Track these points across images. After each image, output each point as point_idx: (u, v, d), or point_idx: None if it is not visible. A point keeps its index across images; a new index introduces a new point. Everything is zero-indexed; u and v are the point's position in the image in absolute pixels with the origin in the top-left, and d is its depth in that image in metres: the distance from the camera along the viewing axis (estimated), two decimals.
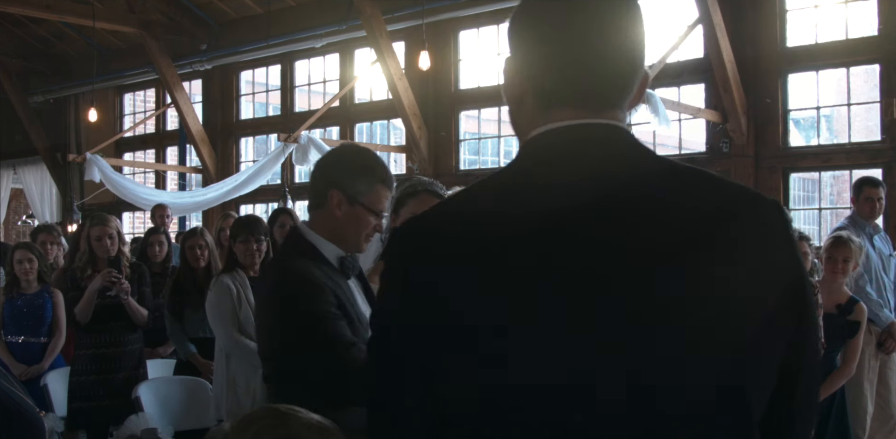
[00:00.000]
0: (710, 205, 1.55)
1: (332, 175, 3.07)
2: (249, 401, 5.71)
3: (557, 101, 1.62)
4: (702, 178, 1.60)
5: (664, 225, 1.50)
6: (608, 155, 1.60)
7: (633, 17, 1.62)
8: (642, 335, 1.43)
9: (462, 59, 14.02)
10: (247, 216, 6.57)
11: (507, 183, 1.60)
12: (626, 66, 1.62)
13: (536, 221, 1.48)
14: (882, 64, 10.52)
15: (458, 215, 1.58)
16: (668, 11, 12.14)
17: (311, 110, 15.09)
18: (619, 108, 1.67)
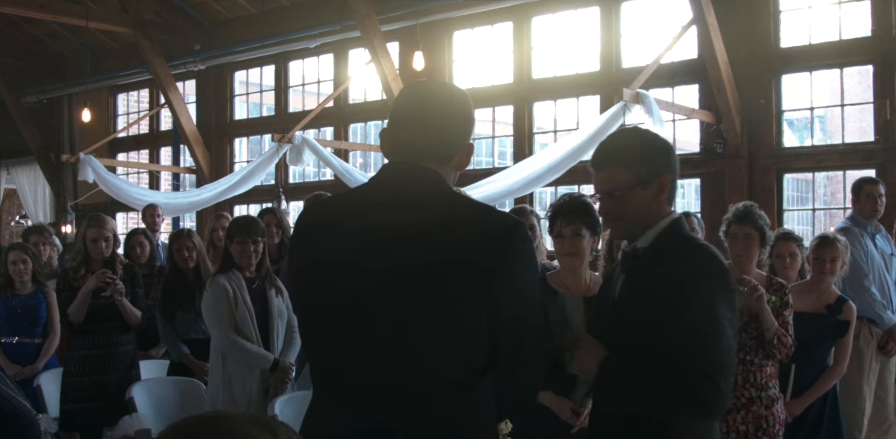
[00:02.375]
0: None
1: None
2: (245, 402, 5.72)
3: (396, 150, 2.67)
4: (472, 212, 2.55)
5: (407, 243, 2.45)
6: (400, 182, 2.60)
7: (446, 111, 2.65)
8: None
9: (456, 60, 14.02)
10: (244, 217, 6.59)
11: (350, 191, 2.96)
12: (439, 136, 2.64)
13: (332, 213, 2.70)
14: (875, 65, 10.53)
15: (324, 201, 3.04)
16: (661, 12, 12.15)
17: (306, 110, 15.07)
18: (436, 160, 2.62)
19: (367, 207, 2.57)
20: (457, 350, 2.43)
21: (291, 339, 6.01)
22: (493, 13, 13.01)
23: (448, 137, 2.67)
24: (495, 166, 13.69)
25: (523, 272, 2.51)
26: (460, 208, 2.56)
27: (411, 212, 2.50)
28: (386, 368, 2.43)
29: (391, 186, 2.60)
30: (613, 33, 12.39)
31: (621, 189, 3.04)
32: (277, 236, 7.59)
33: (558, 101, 13.02)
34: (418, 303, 2.42)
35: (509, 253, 2.46)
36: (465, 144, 2.71)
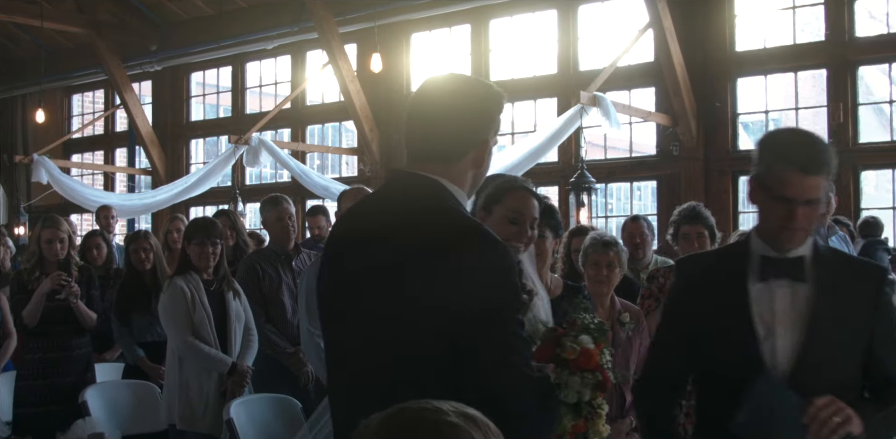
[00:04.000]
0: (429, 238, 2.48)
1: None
2: (202, 406, 5.67)
3: (406, 149, 2.72)
4: (433, 217, 2.52)
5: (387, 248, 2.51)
6: (388, 188, 2.72)
7: (451, 107, 2.59)
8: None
9: (414, 62, 14.01)
10: (202, 218, 6.52)
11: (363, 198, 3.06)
12: (445, 135, 2.61)
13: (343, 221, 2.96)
14: (829, 69, 10.66)
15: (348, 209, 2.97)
16: (619, 16, 12.22)
17: (263, 112, 15.00)
18: (440, 159, 2.61)
19: (359, 214, 2.77)
20: (422, 346, 2.47)
21: (249, 342, 5.96)
22: (451, 16, 13.02)
23: (453, 135, 2.62)
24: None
25: (476, 274, 2.44)
26: (427, 213, 2.56)
27: (386, 217, 2.60)
28: (367, 360, 2.55)
29: (382, 193, 2.79)
30: (571, 36, 12.44)
31: (822, 196, 2.96)
32: (232, 238, 7.53)
33: (515, 103, 13.04)
34: (383, 301, 2.51)
35: (459, 256, 2.45)
36: (477, 142, 2.63)
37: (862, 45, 10.55)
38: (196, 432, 5.60)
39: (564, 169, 11.96)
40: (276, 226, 6.53)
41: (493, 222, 3.43)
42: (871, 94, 11.93)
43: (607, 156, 12.72)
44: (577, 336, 3.31)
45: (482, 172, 2.73)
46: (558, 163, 12.34)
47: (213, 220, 6.27)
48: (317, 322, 5.26)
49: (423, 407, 1.57)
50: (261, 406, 5.58)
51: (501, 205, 3.47)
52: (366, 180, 13.23)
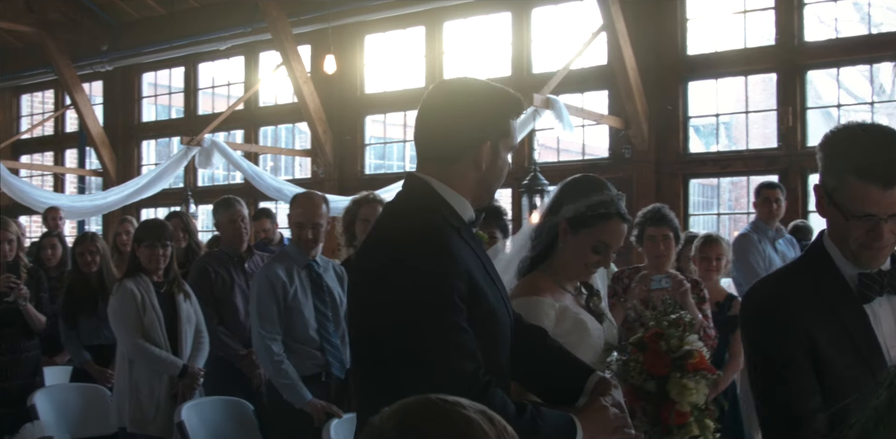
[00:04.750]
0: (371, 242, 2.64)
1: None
2: (153, 408, 5.63)
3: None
4: (390, 220, 2.64)
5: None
6: (397, 194, 2.69)
7: (446, 108, 2.60)
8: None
9: (368, 64, 14.00)
10: (152, 220, 6.47)
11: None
12: (437, 137, 2.61)
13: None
14: (779, 73, 10.79)
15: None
16: (572, 19, 12.28)
17: (215, 113, 14.92)
18: (437, 161, 2.61)
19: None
20: (362, 347, 2.60)
21: (200, 344, 5.93)
22: (406, 17, 13.02)
23: (447, 135, 2.61)
24: (407, 170, 13.67)
25: (397, 277, 2.45)
26: (391, 215, 2.67)
27: (378, 219, 2.80)
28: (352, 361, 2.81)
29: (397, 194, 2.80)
30: (524, 39, 12.49)
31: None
32: (184, 240, 7.49)
33: None
34: (350, 303, 2.72)
35: (387, 259, 2.50)
36: (473, 143, 2.58)
37: (811, 49, 10.68)
38: (147, 435, 5.58)
39: (517, 171, 11.99)
40: (228, 228, 6.51)
41: (575, 243, 3.29)
42: (820, 98, 12.06)
43: (560, 159, 12.78)
44: (682, 337, 3.18)
45: (489, 176, 2.66)
46: (511, 166, 12.33)
47: (164, 222, 6.24)
48: (268, 325, 5.26)
49: (443, 399, 1.59)
50: (212, 408, 5.55)
51: (591, 232, 3.26)
52: (319, 182, 13.20)
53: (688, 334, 3.17)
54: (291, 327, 5.28)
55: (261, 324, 5.26)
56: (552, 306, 3.22)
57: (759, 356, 2.68)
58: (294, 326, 5.28)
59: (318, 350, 5.31)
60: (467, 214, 2.64)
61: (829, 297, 2.54)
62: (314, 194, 5.67)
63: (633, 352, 3.19)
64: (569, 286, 3.38)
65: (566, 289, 3.36)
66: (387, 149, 14.95)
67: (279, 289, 5.27)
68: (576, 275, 3.38)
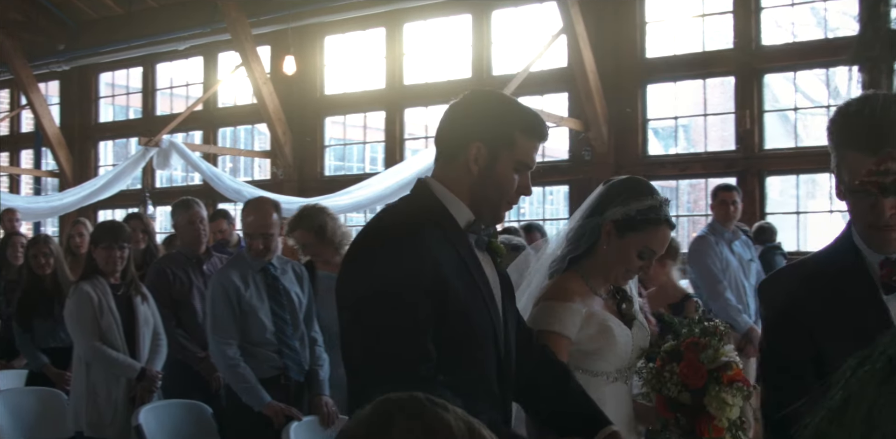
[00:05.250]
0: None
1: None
2: (111, 412, 5.58)
3: None
4: (373, 218, 2.69)
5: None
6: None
7: (451, 109, 2.69)
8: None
9: (328, 65, 13.97)
10: (109, 222, 6.41)
11: None
12: (439, 134, 2.69)
13: None
14: (737, 76, 10.87)
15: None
16: (532, 21, 12.32)
17: (174, 114, 14.82)
18: (441, 159, 2.67)
19: None
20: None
21: (158, 347, 5.89)
22: (366, 19, 13.00)
23: (445, 135, 2.66)
24: (366, 172, 13.69)
25: (360, 275, 2.52)
26: (376, 216, 2.70)
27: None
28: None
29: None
30: (485, 41, 12.50)
31: None
32: (143, 242, 7.45)
33: (430, 107, 13.08)
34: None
35: (353, 255, 2.58)
36: (464, 144, 2.58)
37: (768, 53, 10.78)
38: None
39: None
40: (187, 229, 6.46)
41: (620, 246, 3.21)
42: (777, 102, 12.19)
43: None
44: (717, 347, 3.07)
45: (483, 183, 2.61)
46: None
47: (121, 224, 6.19)
48: (222, 330, 5.23)
49: (428, 397, 1.58)
50: (171, 411, 5.51)
51: (638, 235, 3.18)
52: (278, 184, 13.15)
53: (724, 344, 3.09)
54: (248, 331, 5.25)
55: (214, 330, 5.24)
56: (578, 312, 3.15)
57: (761, 355, 2.69)
58: (251, 330, 5.26)
59: (276, 352, 5.28)
60: (464, 218, 2.61)
61: (848, 291, 2.42)
62: (264, 202, 5.62)
63: (665, 361, 3.10)
64: (601, 289, 3.30)
65: (597, 292, 3.28)
66: (346, 150, 14.92)
67: (233, 293, 5.24)
68: (614, 279, 3.30)
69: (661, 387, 3.11)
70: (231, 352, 5.17)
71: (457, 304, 2.49)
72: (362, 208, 11.78)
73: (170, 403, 5.64)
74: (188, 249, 6.49)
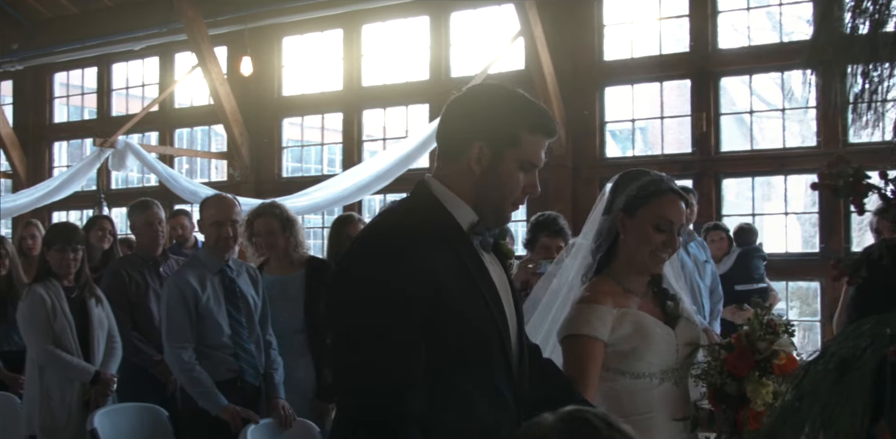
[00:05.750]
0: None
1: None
2: (64, 415, 5.54)
3: None
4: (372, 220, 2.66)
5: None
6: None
7: (453, 106, 2.66)
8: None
9: (286, 66, 13.91)
10: (63, 223, 6.36)
11: None
12: (440, 132, 2.64)
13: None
14: (693, 79, 10.95)
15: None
16: (490, 23, 12.35)
17: (129, 114, 14.69)
18: (444, 159, 2.61)
19: None
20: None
21: (112, 350, 5.85)
22: (323, 20, 12.95)
23: (445, 133, 2.58)
24: (324, 173, 13.65)
25: (349, 281, 2.47)
26: (374, 218, 2.67)
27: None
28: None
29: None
30: (443, 43, 12.51)
31: None
32: (107, 243, 7.42)
33: (387, 108, 13.07)
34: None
35: (338, 271, 2.56)
36: (467, 142, 2.52)
37: (724, 56, 10.87)
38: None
39: None
40: (145, 230, 6.42)
41: (635, 226, 3.20)
42: (734, 105, 12.30)
43: None
44: (772, 340, 3.05)
45: (487, 184, 2.54)
46: (430, 169, 12.36)
47: (74, 226, 6.16)
48: (177, 334, 5.19)
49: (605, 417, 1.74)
50: (126, 415, 5.47)
51: (647, 209, 3.19)
52: (235, 185, 13.08)
53: (779, 337, 3.05)
54: (204, 334, 5.23)
55: (169, 334, 5.21)
56: (607, 312, 3.12)
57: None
58: (207, 333, 5.23)
59: (232, 356, 5.26)
60: (466, 219, 2.54)
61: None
62: (225, 195, 5.65)
63: (717, 354, 3.09)
64: (636, 288, 3.27)
65: (633, 291, 3.25)
66: (304, 152, 14.86)
67: (189, 296, 5.20)
68: (645, 267, 3.24)
69: (707, 378, 3.08)
70: (186, 356, 5.14)
71: (454, 310, 2.42)
72: (320, 210, 11.75)
73: (125, 407, 5.60)
74: (144, 251, 6.45)
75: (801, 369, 2.10)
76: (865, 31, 2.04)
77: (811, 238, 13.20)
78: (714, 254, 8.90)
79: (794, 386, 2.05)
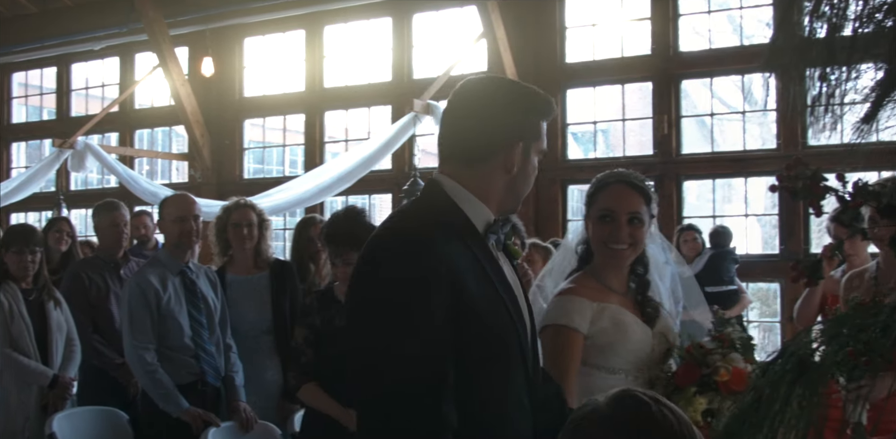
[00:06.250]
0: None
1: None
2: (22, 419, 5.49)
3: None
4: (385, 221, 2.51)
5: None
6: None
7: (474, 106, 2.47)
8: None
9: (247, 67, 13.86)
10: (20, 225, 6.29)
11: None
12: (464, 135, 2.48)
13: None
14: (654, 82, 11.02)
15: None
16: (453, 25, 12.36)
17: (89, 115, 14.56)
18: (463, 161, 2.47)
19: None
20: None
21: (71, 353, 5.79)
22: (285, 21, 12.92)
23: (475, 134, 2.47)
24: (286, 175, 13.59)
25: (362, 283, 2.38)
26: (388, 220, 2.53)
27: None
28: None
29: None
30: (405, 44, 12.51)
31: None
32: (66, 244, 7.36)
33: (350, 110, 13.05)
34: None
35: (357, 273, 2.42)
36: (504, 143, 2.45)
37: (685, 59, 10.95)
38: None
39: (398, 176, 12.02)
40: (109, 231, 6.36)
41: (588, 222, 3.28)
42: (695, 107, 12.37)
43: None
44: (725, 354, 3.08)
45: (519, 180, 2.52)
46: (392, 171, 12.38)
47: (32, 228, 6.10)
48: (140, 334, 5.15)
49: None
50: (85, 419, 5.42)
51: (595, 204, 3.26)
52: (196, 186, 13.00)
53: (733, 351, 3.07)
54: (166, 335, 5.19)
55: (132, 334, 5.15)
56: (588, 306, 3.15)
57: None
58: (168, 334, 5.19)
59: (193, 357, 5.23)
60: (481, 219, 2.48)
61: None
62: (184, 192, 5.65)
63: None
64: (616, 285, 3.29)
65: (612, 288, 3.27)
66: (266, 153, 14.81)
67: (151, 296, 5.17)
68: (605, 263, 3.28)
69: (653, 387, 3.09)
70: (149, 357, 5.10)
71: (475, 311, 2.34)
72: (282, 211, 11.71)
73: (84, 410, 5.55)
74: (106, 253, 6.39)
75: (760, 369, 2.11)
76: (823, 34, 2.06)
77: (771, 239, 13.31)
78: (686, 255, 8.96)
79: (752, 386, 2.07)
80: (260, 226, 5.86)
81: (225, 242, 5.88)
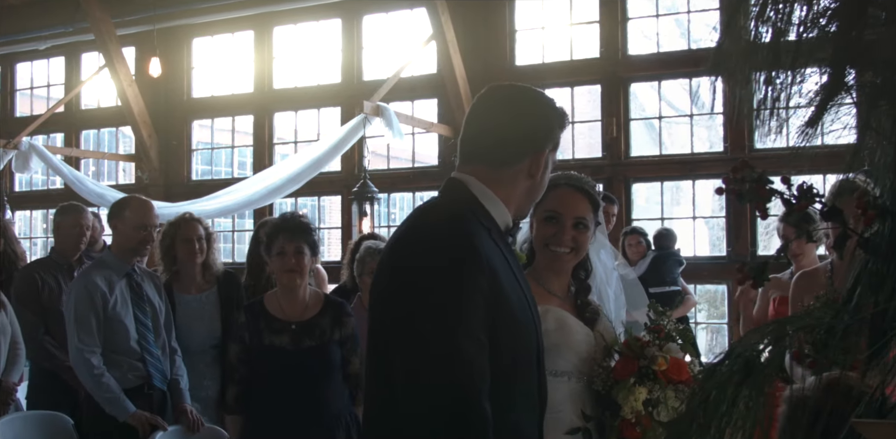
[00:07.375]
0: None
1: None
2: None
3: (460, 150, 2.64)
4: (417, 220, 2.52)
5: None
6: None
7: (504, 113, 2.54)
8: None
9: (196, 67, 13.76)
10: None
11: None
12: (493, 139, 2.52)
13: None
14: (603, 85, 11.09)
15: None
16: (403, 27, 12.35)
17: (34, 115, 14.38)
18: (488, 164, 2.52)
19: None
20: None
21: (15, 357, 5.72)
22: (234, 21, 12.84)
23: (509, 138, 2.50)
24: (235, 176, 13.50)
25: (400, 274, 2.35)
26: (420, 218, 2.52)
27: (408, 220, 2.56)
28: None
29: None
30: (355, 46, 12.48)
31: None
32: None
33: (299, 111, 13.00)
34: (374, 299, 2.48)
35: (394, 255, 2.43)
36: (534, 149, 2.52)
37: (634, 62, 11.02)
38: None
39: (347, 178, 11.98)
40: (69, 232, 6.32)
41: (535, 223, 3.28)
42: (643, 110, 12.45)
43: (390, 167, 12.81)
44: (661, 345, 3.13)
45: (537, 186, 2.58)
46: (341, 173, 12.34)
47: None
48: (86, 337, 5.09)
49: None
50: (28, 424, 5.34)
51: (539, 205, 3.21)
52: (144, 188, 12.88)
53: (669, 342, 3.12)
54: (112, 338, 5.14)
55: (78, 337, 5.09)
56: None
57: None
58: (114, 337, 5.14)
59: (139, 361, 5.19)
60: (502, 220, 2.51)
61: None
62: (144, 198, 5.61)
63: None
64: (556, 289, 3.30)
65: (552, 292, 3.28)
66: (214, 154, 14.68)
67: (98, 298, 5.12)
68: (546, 265, 3.27)
69: (592, 383, 3.12)
70: (95, 361, 5.05)
71: (508, 304, 2.36)
72: (230, 213, 11.62)
73: (27, 415, 5.48)
74: (60, 255, 6.34)
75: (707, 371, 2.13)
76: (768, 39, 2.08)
77: (719, 242, 13.43)
78: (631, 258, 9.02)
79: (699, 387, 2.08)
80: (207, 240, 5.85)
81: (171, 259, 5.85)
